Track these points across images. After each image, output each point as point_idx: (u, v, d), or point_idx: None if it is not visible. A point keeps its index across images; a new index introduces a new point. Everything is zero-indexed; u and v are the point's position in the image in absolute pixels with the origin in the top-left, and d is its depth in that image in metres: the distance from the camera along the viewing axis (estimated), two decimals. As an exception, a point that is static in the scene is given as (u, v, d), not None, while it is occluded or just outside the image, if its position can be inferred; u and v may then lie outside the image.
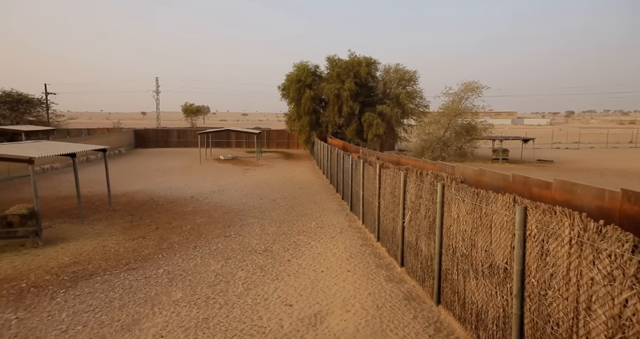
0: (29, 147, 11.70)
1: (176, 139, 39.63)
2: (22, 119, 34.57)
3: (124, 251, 9.52)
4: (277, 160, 30.43)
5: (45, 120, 37.59)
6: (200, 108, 72.42)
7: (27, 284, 7.54)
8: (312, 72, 28.92)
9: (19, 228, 9.72)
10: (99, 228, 11.56)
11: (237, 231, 11.27)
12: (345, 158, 14.33)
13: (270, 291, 6.91)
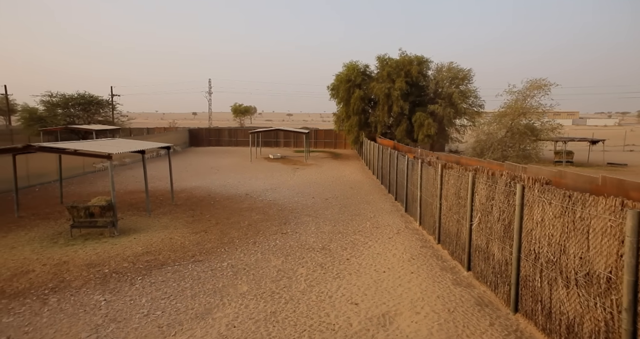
0: (106, 144, 12.67)
1: (227, 138, 41.17)
2: (93, 119, 37.56)
3: (189, 244, 10.02)
4: (325, 159, 30.61)
5: (111, 120, 40.58)
6: (248, 108, 74.69)
7: (109, 270, 8.17)
8: (362, 72, 28.79)
9: (99, 218, 10.56)
10: (164, 221, 12.26)
11: (293, 228, 11.47)
12: (400, 158, 14.11)
13: (334, 289, 6.96)
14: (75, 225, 10.53)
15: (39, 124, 33.79)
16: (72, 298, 6.84)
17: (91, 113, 38.01)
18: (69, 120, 36.16)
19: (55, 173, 19.05)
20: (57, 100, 36.27)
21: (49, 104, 35.82)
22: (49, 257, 8.89)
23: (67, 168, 19.16)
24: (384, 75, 27.00)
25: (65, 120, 35.58)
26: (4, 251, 9.19)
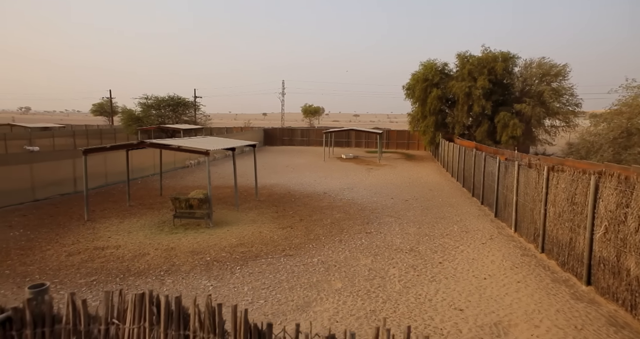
0: (202, 141, 13.71)
1: (300, 138, 42.31)
2: (180, 119, 40.98)
3: (278, 239, 10.43)
4: (399, 160, 30.02)
5: (194, 120, 43.93)
6: (317, 109, 76.03)
7: (211, 258, 8.81)
8: (440, 70, 27.73)
9: (196, 210, 11.45)
10: (251, 215, 12.91)
11: (376, 228, 11.40)
12: (489, 160, 13.31)
13: (432, 293, 6.76)
14: (177, 215, 11.53)
15: (137, 124, 37.68)
16: (183, 280, 7.49)
17: (178, 113, 41.47)
18: (161, 120, 39.82)
19: (152, 168, 21.10)
20: (151, 102, 40.14)
21: (145, 106, 39.77)
22: (159, 242, 9.84)
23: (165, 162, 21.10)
24: (464, 73, 25.71)
25: (158, 120, 39.24)
26: (123, 235, 10.38)
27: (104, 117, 71.06)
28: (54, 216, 12.31)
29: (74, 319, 1.93)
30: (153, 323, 1.67)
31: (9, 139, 29.10)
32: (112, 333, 1.85)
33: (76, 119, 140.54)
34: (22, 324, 2.01)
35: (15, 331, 2.01)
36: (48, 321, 2.00)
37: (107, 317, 1.87)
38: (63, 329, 1.95)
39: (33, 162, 14.61)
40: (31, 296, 2.05)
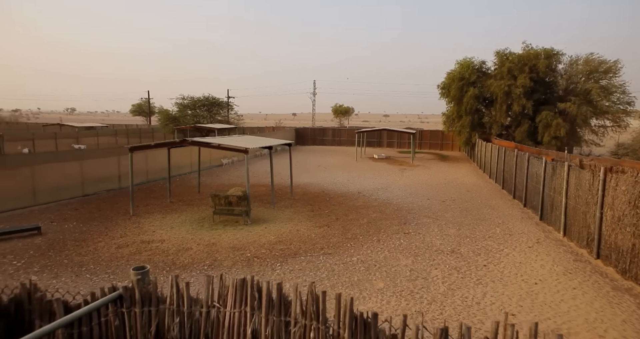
0: (240, 140, 13.97)
1: (331, 137, 42.32)
2: (214, 119, 42.05)
3: (316, 237, 10.45)
4: (432, 161, 29.40)
5: (227, 120, 44.92)
6: (348, 109, 75.81)
7: (251, 254, 8.95)
8: (477, 69, 26.90)
9: (235, 207, 11.68)
10: (287, 213, 13.01)
11: (414, 229, 11.20)
12: (533, 161, 12.77)
13: (479, 296, 6.55)
14: (216, 212, 11.79)
15: (173, 123, 38.98)
16: (226, 276, 7.64)
17: (213, 113, 42.55)
18: (196, 119, 40.99)
19: (189, 166, 21.72)
20: (187, 102, 41.40)
21: (181, 106, 41.07)
22: (200, 238, 10.11)
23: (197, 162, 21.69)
24: (503, 71, 24.81)
25: (193, 120, 40.42)
26: (167, 230, 10.75)
27: (142, 117, 74.07)
28: (102, 211, 12.92)
29: (177, 301, 2.00)
30: (254, 308, 1.70)
31: (59, 138, 30.87)
32: (212, 315, 1.90)
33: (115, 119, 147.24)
34: (131, 303, 2.11)
35: (125, 308, 2.11)
36: (154, 301, 2.09)
37: (208, 300, 1.92)
38: (167, 310, 2.03)
39: (83, 159, 15.41)
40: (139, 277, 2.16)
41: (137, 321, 2.12)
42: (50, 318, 2.26)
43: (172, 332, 1.97)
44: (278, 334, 1.72)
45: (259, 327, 1.64)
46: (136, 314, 2.11)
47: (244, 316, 1.75)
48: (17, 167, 12.92)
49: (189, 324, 1.93)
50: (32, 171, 13.25)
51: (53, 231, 10.49)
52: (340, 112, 71.91)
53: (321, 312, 1.72)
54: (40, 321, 2.27)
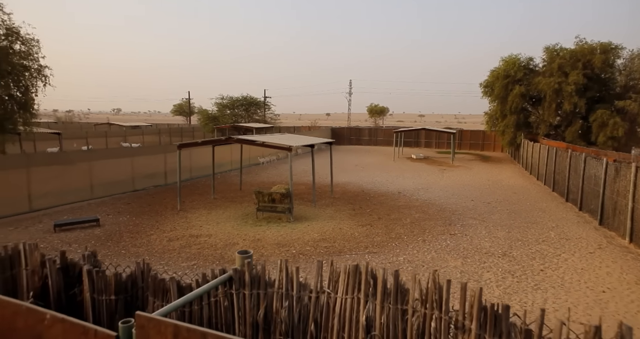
0: (282, 138, 14.13)
1: (367, 137, 42.01)
2: (252, 118, 42.92)
3: (359, 236, 10.37)
4: (473, 162, 28.45)
5: (264, 119, 45.70)
6: (383, 109, 74.94)
7: (296, 251, 9.01)
8: (524, 66, 25.72)
9: (278, 204, 11.82)
10: (329, 212, 13.01)
11: (460, 230, 10.87)
12: (590, 162, 12.01)
13: (539, 302, 6.22)
14: (260, 209, 11.99)
15: (213, 122, 40.15)
16: (274, 271, 7.73)
17: (250, 113, 43.43)
18: (234, 119, 42.00)
19: (229, 164, 22.23)
20: (226, 102, 42.51)
21: (220, 106, 42.22)
22: (245, 234, 10.31)
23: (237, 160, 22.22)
24: (553, 68, 23.54)
25: (232, 119, 41.44)
26: (213, 225, 11.06)
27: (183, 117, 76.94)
28: (152, 205, 13.50)
29: (286, 285, 2.04)
30: (368, 295, 1.68)
31: (109, 136, 32.69)
32: (322, 301, 1.90)
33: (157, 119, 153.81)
34: (240, 285, 2.18)
35: (234, 290, 2.18)
36: (262, 284, 2.14)
37: (317, 285, 1.93)
38: (275, 293, 2.07)
39: (133, 156, 16.18)
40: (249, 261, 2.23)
41: (245, 303, 2.17)
42: (164, 295, 2.37)
43: (281, 315, 1.99)
44: (394, 322, 1.69)
45: (373, 314, 1.62)
46: (245, 296, 2.17)
47: (356, 303, 1.73)
48: (77, 163, 13.76)
49: (298, 309, 1.94)
50: (90, 167, 14.06)
51: (109, 223, 11.08)
52: (376, 111, 71.22)
53: (444, 301, 1.67)
54: (154, 298, 2.39)
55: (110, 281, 2.53)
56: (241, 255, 2.36)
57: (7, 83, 14.48)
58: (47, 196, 12.42)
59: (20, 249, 2.94)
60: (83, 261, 2.75)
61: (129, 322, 1.61)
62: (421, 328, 1.64)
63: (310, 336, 1.89)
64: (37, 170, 12.26)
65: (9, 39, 14.37)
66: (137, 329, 1.55)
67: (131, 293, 2.54)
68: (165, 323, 1.45)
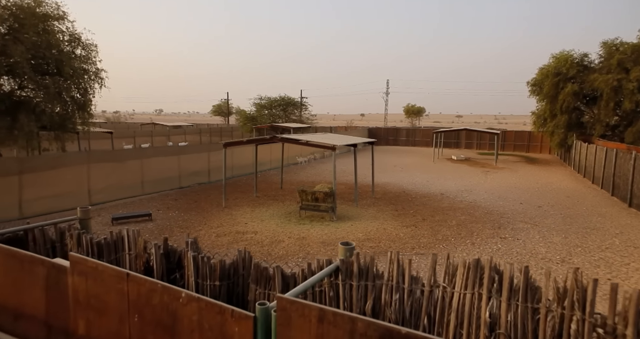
0: (324, 137, 14.15)
1: (405, 138, 41.29)
2: (289, 118, 43.43)
3: (404, 236, 10.17)
4: (519, 163, 27.20)
5: (300, 119, 46.08)
6: (420, 109, 73.45)
7: (342, 250, 8.96)
8: (577, 62, 24.25)
9: (321, 203, 11.83)
10: (371, 212, 12.87)
11: (511, 234, 10.39)
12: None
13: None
14: (303, 207, 12.05)
15: (251, 122, 40.98)
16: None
17: (288, 113, 43.94)
18: (272, 119, 42.65)
19: (268, 163, 22.54)
20: (264, 102, 43.26)
21: (259, 106, 43.03)
22: (290, 231, 10.39)
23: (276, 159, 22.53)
24: (611, 64, 22.00)
25: (270, 119, 42.11)
26: (258, 222, 11.24)
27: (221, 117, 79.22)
28: (198, 202, 13.93)
29: (397, 277, 2.01)
30: (491, 291, 1.61)
31: (154, 136, 34.20)
32: (436, 295, 1.85)
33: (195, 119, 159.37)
34: (346, 275, 2.18)
35: (341, 280, 2.19)
36: (371, 275, 2.13)
37: (431, 279, 1.89)
38: (384, 285, 2.05)
39: (180, 154, 16.80)
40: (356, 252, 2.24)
41: (352, 294, 2.17)
42: (266, 283, 2.42)
43: (391, 307, 1.96)
44: (522, 321, 1.61)
45: (497, 311, 1.54)
46: (352, 287, 2.16)
47: (477, 299, 1.65)
48: (130, 161, 14.47)
49: (410, 302, 1.90)
50: (141, 165, 14.74)
51: (160, 218, 11.54)
52: (413, 112, 69.93)
53: (589, 302, 1.56)
54: (256, 285, 2.45)
55: (216, 268, 2.61)
56: (345, 247, 2.36)
57: (69, 86, 15.47)
58: (104, 191, 13.15)
59: (124, 235, 3.12)
60: (186, 247, 2.86)
61: (265, 304, 1.64)
62: (557, 330, 1.53)
63: (423, 329, 1.83)
64: (96, 166, 13.00)
65: (72, 44, 15.33)
66: (278, 312, 1.58)
67: (232, 280, 2.61)
68: (310, 306, 1.46)
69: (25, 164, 11.05)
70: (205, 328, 1.77)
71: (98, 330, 2.18)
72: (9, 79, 14.01)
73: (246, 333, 1.65)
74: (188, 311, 1.79)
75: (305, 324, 1.53)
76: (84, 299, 2.23)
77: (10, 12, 12.85)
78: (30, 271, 2.40)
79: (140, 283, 1.97)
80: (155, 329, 1.94)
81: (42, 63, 14.27)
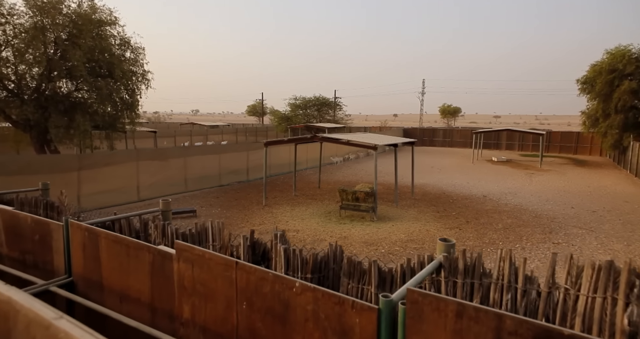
0: (364, 137, 14.04)
1: (441, 138, 40.29)
2: (324, 118, 43.57)
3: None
4: (566, 166, 25.81)
5: (335, 119, 46.06)
6: (457, 109, 71.46)
7: (385, 250, 8.84)
8: (635, 58, 22.66)
9: (362, 203, 11.73)
10: (412, 213, 12.62)
11: (564, 239, 9.86)
12: None
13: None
14: (343, 206, 12.00)
15: (286, 122, 41.44)
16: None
17: (322, 113, 44.08)
18: (306, 119, 42.93)
19: (304, 162, 22.65)
20: (299, 102, 43.61)
21: (293, 106, 43.44)
22: (331, 230, 10.38)
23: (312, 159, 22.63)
24: (676, 58, 20.42)
25: (304, 119, 42.40)
26: (299, 221, 11.32)
27: (255, 117, 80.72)
28: (238, 200, 14.22)
29: (509, 276, 1.95)
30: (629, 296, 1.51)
31: (193, 135, 35.35)
32: (556, 297, 1.76)
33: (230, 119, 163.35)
34: (449, 272, 2.15)
35: (443, 277, 2.16)
36: (477, 273, 2.09)
37: (550, 280, 1.82)
38: (493, 284, 1.99)
39: (221, 153, 17.23)
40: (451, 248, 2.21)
41: (457, 292, 2.12)
42: (360, 278, 2.43)
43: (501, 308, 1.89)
44: None
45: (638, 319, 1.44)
46: (456, 285, 2.11)
47: (609, 304, 1.55)
48: (175, 159, 15.00)
49: (524, 303, 1.82)
50: (185, 163, 15.24)
51: (204, 215, 11.87)
52: (449, 112, 68.12)
53: None
54: (349, 279, 2.47)
55: (308, 261, 2.64)
56: (444, 243, 2.31)
57: (118, 87, 16.29)
58: (151, 188, 13.71)
59: (208, 227, 3.23)
60: (275, 240, 2.91)
61: (388, 296, 1.63)
62: None
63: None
64: (144, 164, 13.58)
65: (122, 48, 16.12)
66: (408, 304, 1.56)
67: (323, 273, 2.62)
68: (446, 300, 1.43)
69: (83, 161, 11.71)
70: (321, 318, 1.78)
71: (204, 315, 2.25)
72: (67, 82, 14.93)
73: (368, 325, 1.64)
74: (302, 301, 1.81)
75: (440, 319, 1.49)
76: (189, 285, 2.32)
77: (70, 19, 13.67)
78: (136, 257, 2.52)
79: (249, 271, 2.01)
80: (265, 317, 1.98)
81: (95, 67, 15.11)
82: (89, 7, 14.47)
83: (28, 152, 16.06)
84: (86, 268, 2.86)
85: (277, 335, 1.93)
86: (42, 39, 12.90)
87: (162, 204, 4.09)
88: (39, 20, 13.09)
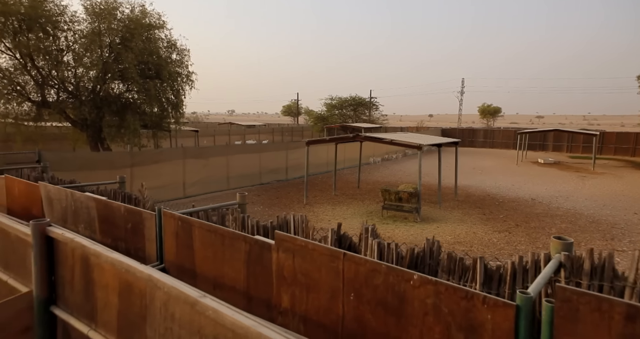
0: (407, 136, 13.77)
1: (482, 139, 38.87)
2: (360, 118, 43.30)
3: (498, 242, 9.48)
4: (623, 169, 24.11)
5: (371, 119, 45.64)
6: (497, 109, 68.78)
7: (433, 253, 8.58)
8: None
9: (405, 203, 11.49)
10: (457, 215, 12.21)
11: (630, 247, 9.18)
12: None
13: None
14: (386, 207, 11.81)
15: (322, 122, 41.54)
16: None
17: (359, 113, 43.81)
18: (342, 119, 42.84)
19: (342, 162, 22.56)
20: (335, 102, 43.58)
21: (329, 106, 43.47)
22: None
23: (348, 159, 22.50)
24: None
25: (340, 119, 42.33)
26: (341, 220, 11.25)
27: (290, 117, 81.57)
28: (279, 198, 14.37)
29: None
30: None
31: (231, 134, 36.25)
32: None
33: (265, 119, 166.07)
34: (570, 273, 2.05)
35: (563, 278, 2.07)
36: (608, 275, 1.98)
37: None
38: (628, 288, 1.87)
39: (261, 151, 17.49)
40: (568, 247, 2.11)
41: None
42: (461, 275, 2.37)
43: None
44: None
45: None
46: (579, 287, 2.00)
47: None
48: (218, 157, 15.39)
49: None
50: (227, 161, 15.61)
51: (247, 212, 12.06)
52: (489, 112, 65.69)
53: None
54: (448, 276, 2.41)
55: (405, 256, 2.59)
56: (561, 241, 2.18)
57: (165, 88, 16.94)
58: (195, 185, 14.14)
59: (290, 220, 3.26)
60: (365, 233, 2.88)
61: (528, 293, 1.56)
62: None
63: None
64: (190, 162, 14.03)
65: (169, 50, 16.75)
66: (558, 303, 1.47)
67: (419, 269, 2.57)
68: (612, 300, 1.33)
69: (135, 158, 12.26)
70: (444, 312, 1.71)
71: (305, 305, 2.25)
72: (119, 83, 15.71)
73: (503, 322, 1.55)
74: (420, 294, 1.75)
75: (602, 322, 1.38)
76: (289, 275, 2.33)
77: (124, 24, 14.37)
78: (231, 246, 2.57)
79: (359, 263, 1.99)
80: (375, 309, 1.95)
81: (144, 68, 15.79)
82: (140, 12, 15.14)
83: (84, 149, 17.05)
84: (178, 255, 2.97)
85: (389, 327, 1.88)
86: (99, 43, 13.63)
87: (239, 197, 4.17)
88: (96, 26, 13.84)
